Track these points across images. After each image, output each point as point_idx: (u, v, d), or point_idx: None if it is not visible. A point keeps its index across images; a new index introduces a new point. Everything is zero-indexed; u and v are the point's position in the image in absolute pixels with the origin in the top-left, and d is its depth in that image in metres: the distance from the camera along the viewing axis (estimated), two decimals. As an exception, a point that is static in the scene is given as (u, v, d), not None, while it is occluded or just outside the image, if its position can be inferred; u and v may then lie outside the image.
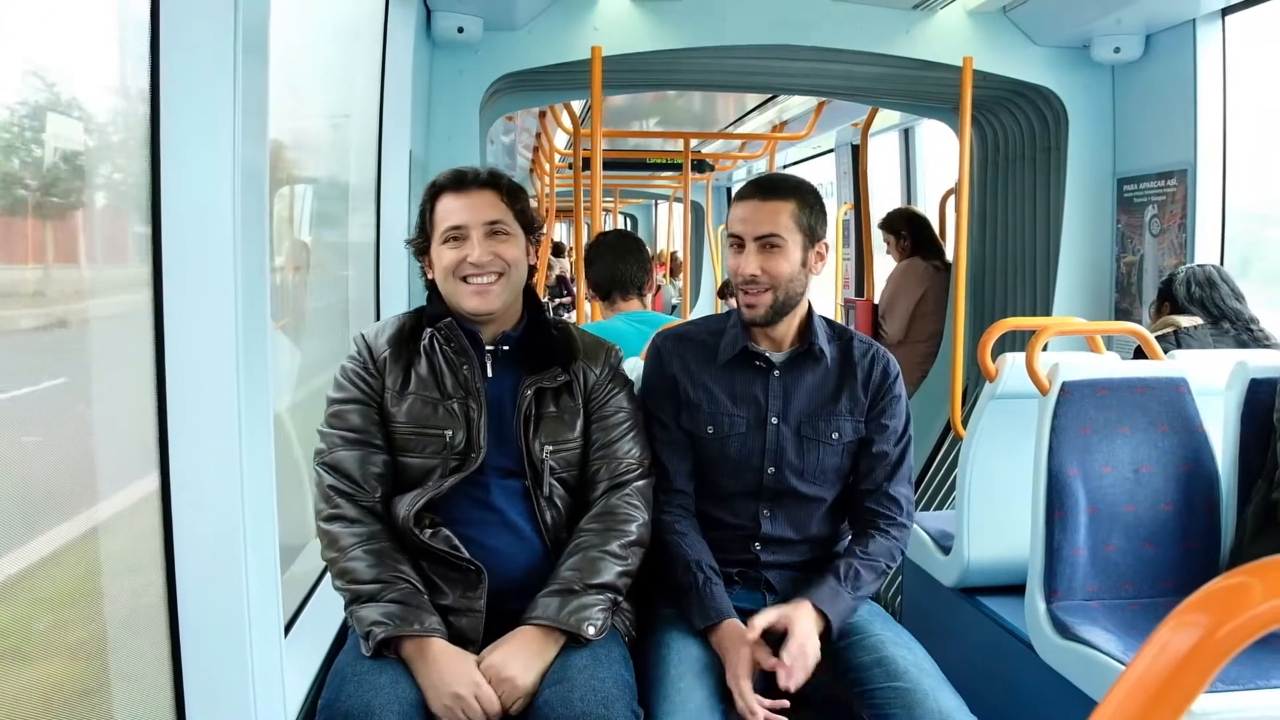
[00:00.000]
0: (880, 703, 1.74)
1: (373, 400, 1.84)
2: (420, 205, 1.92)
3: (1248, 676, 1.96)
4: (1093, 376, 2.40)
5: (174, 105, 1.27)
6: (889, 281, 5.30)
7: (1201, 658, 0.58)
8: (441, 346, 1.86)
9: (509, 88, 4.10)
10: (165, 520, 1.34)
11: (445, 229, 1.85)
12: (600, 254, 3.15)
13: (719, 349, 2.02)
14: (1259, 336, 3.06)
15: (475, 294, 1.83)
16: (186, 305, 1.29)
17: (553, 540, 1.86)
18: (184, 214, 1.29)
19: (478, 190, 1.87)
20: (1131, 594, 2.34)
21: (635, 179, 10.66)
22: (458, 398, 1.83)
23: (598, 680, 1.64)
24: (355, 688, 1.60)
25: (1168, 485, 2.37)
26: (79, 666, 1.30)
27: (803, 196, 1.95)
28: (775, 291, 1.93)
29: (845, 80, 4.41)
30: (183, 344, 1.30)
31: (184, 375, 1.30)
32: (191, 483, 1.32)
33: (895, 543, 1.98)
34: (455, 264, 1.83)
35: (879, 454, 2.00)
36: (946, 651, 2.15)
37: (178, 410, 1.31)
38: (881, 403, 2.01)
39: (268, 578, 1.43)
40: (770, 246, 1.92)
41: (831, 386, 2.01)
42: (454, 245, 1.84)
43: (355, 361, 1.87)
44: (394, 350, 1.86)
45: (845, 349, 2.04)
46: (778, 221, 1.92)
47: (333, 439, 1.82)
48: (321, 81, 2.74)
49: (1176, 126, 3.65)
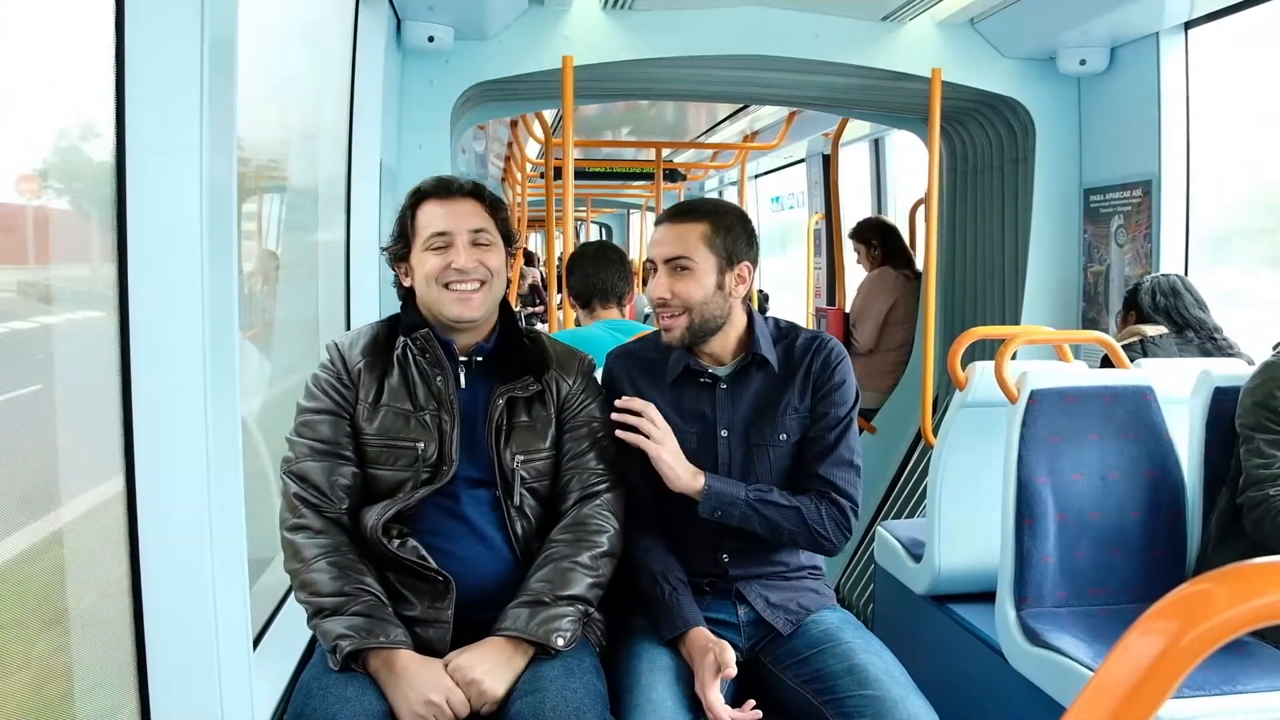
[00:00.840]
0: (850, 710, 1.74)
1: (344, 411, 1.83)
2: (401, 211, 1.90)
3: (1214, 682, 1.98)
4: (1061, 385, 2.43)
5: (140, 115, 1.26)
6: (860, 291, 5.34)
7: (1168, 664, 0.59)
8: (415, 357, 1.85)
9: (480, 97, 4.09)
10: (131, 534, 1.32)
11: (430, 234, 1.84)
12: (582, 263, 3.19)
13: (666, 367, 2.03)
14: (1222, 345, 3.10)
15: (458, 300, 1.83)
16: (153, 316, 1.28)
17: (523, 550, 1.85)
18: (150, 226, 1.27)
19: (462, 199, 1.87)
20: (1100, 600, 2.37)
21: (607, 188, 10.69)
22: (430, 410, 1.82)
23: (570, 690, 1.63)
24: (321, 701, 1.58)
25: (1135, 492, 2.40)
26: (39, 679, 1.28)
27: (718, 219, 1.95)
28: (690, 315, 1.94)
29: (815, 91, 4.44)
30: (149, 354, 1.28)
31: (150, 386, 1.29)
32: (157, 495, 1.31)
33: (826, 508, 1.94)
34: (439, 270, 1.82)
35: (814, 439, 1.99)
36: (918, 659, 2.16)
37: (144, 422, 1.29)
38: (822, 390, 2.00)
39: (235, 591, 1.41)
40: (680, 269, 1.93)
41: (775, 389, 2.01)
42: (438, 252, 1.84)
43: (328, 371, 1.85)
44: (368, 361, 1.85)
45: (789, 347, 2.04)
46: (686, 244, 1.93)
47: (301, 448, 1.81)
48: (290, 90, 2.73)
49: (1141, 138, 3.70)
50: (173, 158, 1.26)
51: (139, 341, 1.28)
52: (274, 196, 2.67)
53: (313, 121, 2.90)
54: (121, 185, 1.27)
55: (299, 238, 2.88)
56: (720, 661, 1.77)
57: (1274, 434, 2.20)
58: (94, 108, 1.29)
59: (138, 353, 1.28)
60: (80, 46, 1.35)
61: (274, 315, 2.61)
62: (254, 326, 2.45)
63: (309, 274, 2.92)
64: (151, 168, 1.27)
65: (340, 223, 3.07)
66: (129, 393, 1.29)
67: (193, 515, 1.32)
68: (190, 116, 1.26)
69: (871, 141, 6.59)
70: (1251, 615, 0.58)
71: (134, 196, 1.27)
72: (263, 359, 2.51)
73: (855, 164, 6.86)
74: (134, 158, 1.26)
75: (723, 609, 1.99)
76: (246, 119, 2.20)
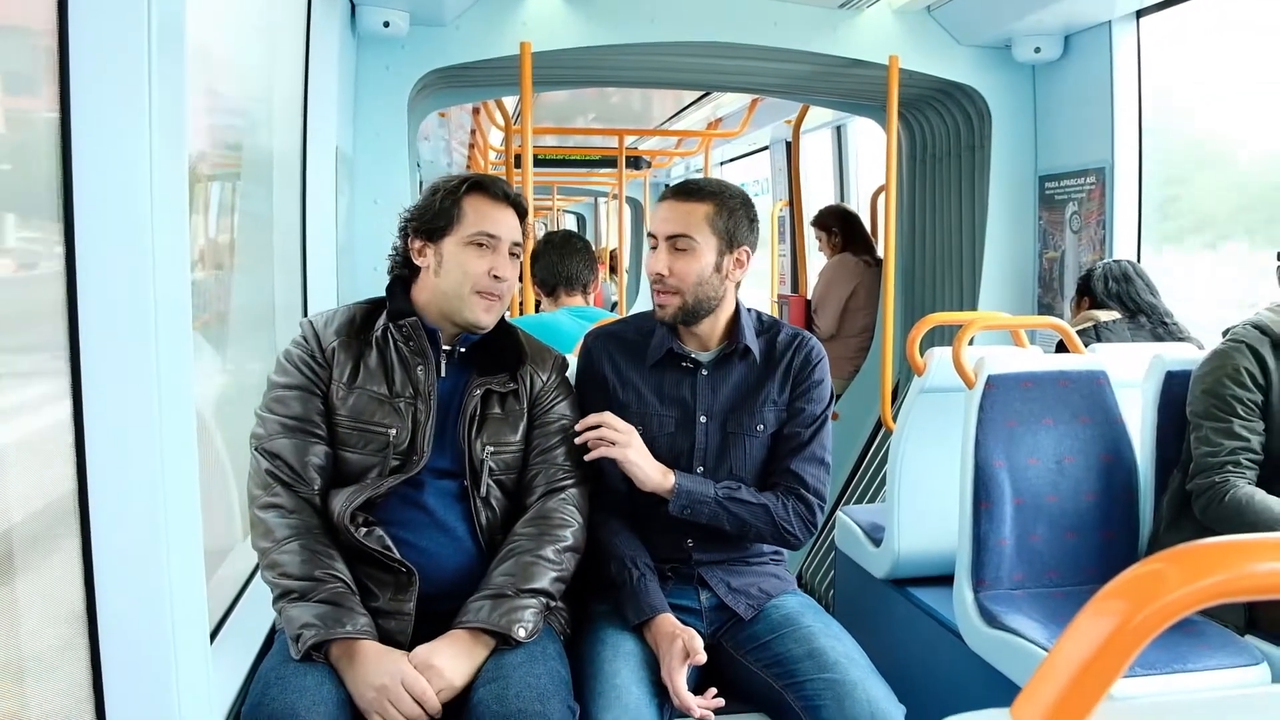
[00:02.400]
0: (811, 694, 1.76)
1: (317, 389, 1.80)
2: (441, 192, 1.86)
3: (1165, 661, 2.02)
4: (1017, 370, 2.45)
5: (85, 104, 1.23)
6: (820, 277, 5.37)
7: (1119, 643, 0.60)
8: (397, 344, 1.83)
9: (438, 83, 4.05)
10: (83, 525, 1.29)
11: (479, 232, 1.83)
12: (548, 251, 3.26)
13: (648, 350, 2.03)
14: (1173, 330, 3.16)
15: (486, 309, 1.84)
16: (103, 300, 1.25)
17: (487, 542, 1.84)
18: (98, 217, 1.24)
19: (510, 207, 1.88)
20: (1055, 582, 2.40)
21: (572, 176, 10.66)
22: (405, 397, 1.81)
23: (533, 677, 1.63)
24: (280, 691, 1.56)
25: (1089, 475, 2.44)
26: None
27: (722, 201, 1.95)
28: (683, 294, 1.94)
29: (775, 78, 4.45)
30: (98, 341, 1.26)
31: (100, 374, 1.26)
32: (110, 486, 1.28)
33: (793, 504, 1.97)
34: (482, 274, 1.82)
35: (789, 435, 2.01)
36: (878, 641, 2.18)
37: (94, 410, 1.26)
38: (801, 387, 2.02)
39: (192, 583, 1.39)
40: (680, 247, 1.93)
41: (755, 379, 2.02)
42: (480, 253, 1.82)
43: (301, 347, 1.83)
44: (344, 340, 1.83)
45: (771, 341, 2.05)
46: (689, 222, 1.93)
47: (272, 424, 1.78)
48: (241, 76, 2.68)
49: (1095, 125, 3.75)
50: (120, 142, 1.23)
51: (88, 327, 1.25)
52: (226, 183, 2.62)
53: (265, 107, 2.85)
54: (67, 168, 1.24)
55: (252, 226, 2.84)
56: (690, 649, 1.77)
57: (1222, 422, 2.24)
58: (38, 90, 1.26)
59: (87, 339, 1.25)
60: (22, 26, 1.31)
61: (227, 305, 2.57)
62: (206, 315, 2.41)
63: (263, 263, 2.88)
64: (99, 152, 1.24)
65: (296, 210, 3.02)
66: (78, 379, 1.26)
67: (146, 506, 1.29)
68: (138, 98, 1.23)
69: (834, 128, 6.61)
70: (1201, 594, 0.59)
71: (80, 180, 1.24)
72: (215, 349, 2.48)
73: (819, 151, 6.89)
74: (80, 141, 1.23)
75: (685, 595, 2.00)
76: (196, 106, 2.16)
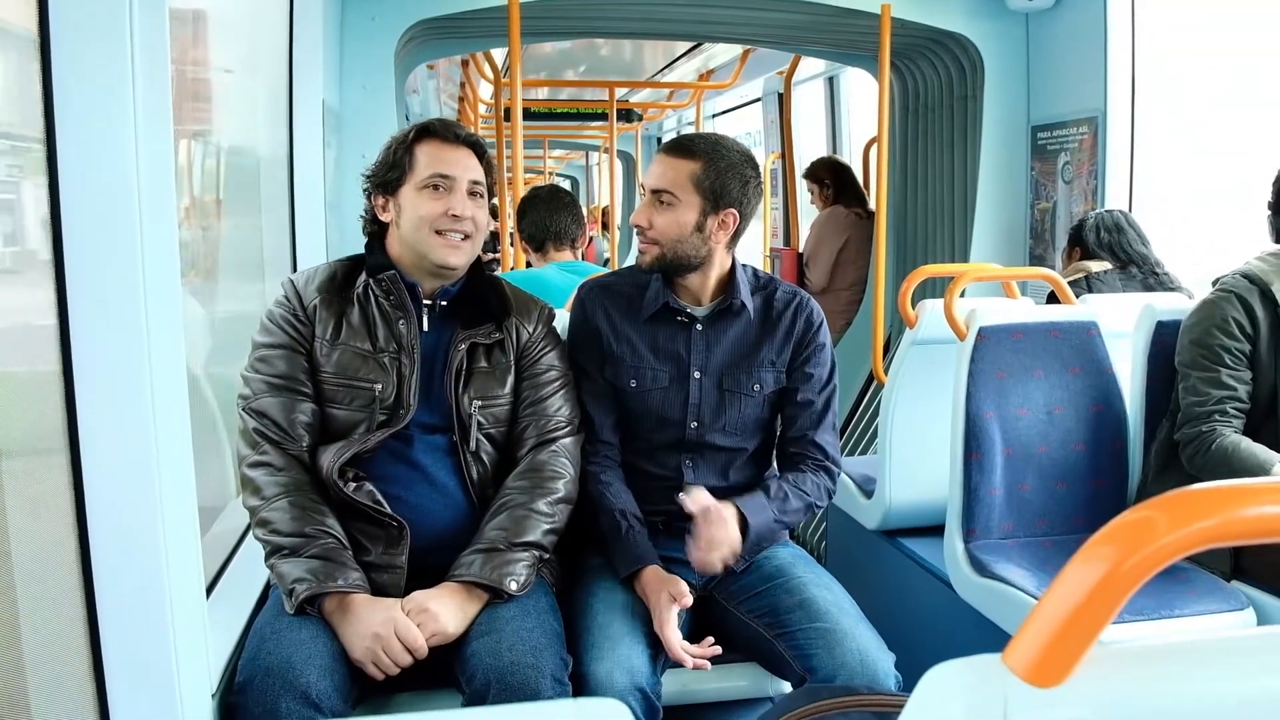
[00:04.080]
0: (803, 643, 1.78)
1: (301, 346, 1.80)
2: (394, 144, 1.86)
3: (1153, 607, 2.04)
4: (1008, 321, 2.46)
5: (67, 56, 1.21)
6: (812, 230, 5.35)
7: (1109, 589, 0.60)
8: (378, 298, 1.83)
9: (424, 35, 3.99)
10: (76, 482, 1.29)
11: (431, 175, 1.81)
12: (535, 206, 3.24)
13: (643, 303, 2.02)
14: (1164, 280, 3.16)
15: (449, 246, 1.82)
16: (91, 256, 1.24)
17: (479, 496, 1.84)
18: (83, 171, 1.23)
19: (464, 147, 1.85)
20: (1045, 531, 2.43)
21: (564, 129, 10.56)
22: (389, 352, 1.81)
23: (526, 630, 1.64)
24: (275, 645, 1.58)
25: (1079, 425, 2.45)
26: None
27: (712, 161, 1.92)
28: (661, 247, 1.94)
29: (767, 28, 4.39)
30: (87, 297, 1.25)
31: (89, 330, 1.25)
32: (102, 443, 1.28)
33: (824, 481, 2.01)
34: (437, 215, 1.80)
35: (804, 402, 2.02)
36: (869, 592, 2.21)
37: (84, 366, 1.26)
38: (805, 352, 2.03)
39: (187, 540, 1.40)
40: (662, 202, 1.93)
41: (753, 338, 2.02)
42: (435, 195, 1.81)
43: (284, 306, 1.82)
44: (325, 298, 1.82)
45: (768, 299, 2.05)
46: (673, 179, 1.92)
47: (258, 384, 1.78)
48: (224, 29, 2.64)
49: (1087, 74, 3.71)
50: (104, 93, 1.21)
51: (76, 284, 1.24)
52: (212, 140, 2.59)
53: (251, 60, 2.81)
54: (51, 129, 1.22)
55: (240, 180, 2.81)
56: (674, 593, 1.79)
57: (1209, 372, 2.25)
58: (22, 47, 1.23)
59: (75, 295, 1.24)
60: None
61: (216, 259, 2.55)
62: (195, 270, 2.39)
63: (251, 219, 2.86)
64: (82, 106, 1.22)
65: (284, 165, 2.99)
66: (67, 337, 1.25)
67: (139, 462, 1.29)
68: (120, 53, 1.21)
69: (826, 80, 6.54)
70: (1188, 540, 0.60)
71: (64, 139, 1.22)
72: (206, 304, 2.46)
73: (812, 103, 6.82)
74: (61, 96, 1.21)
75: (677, 547, 2.00)
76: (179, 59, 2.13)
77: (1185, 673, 0.65)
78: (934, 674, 0.65)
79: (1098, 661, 0.62)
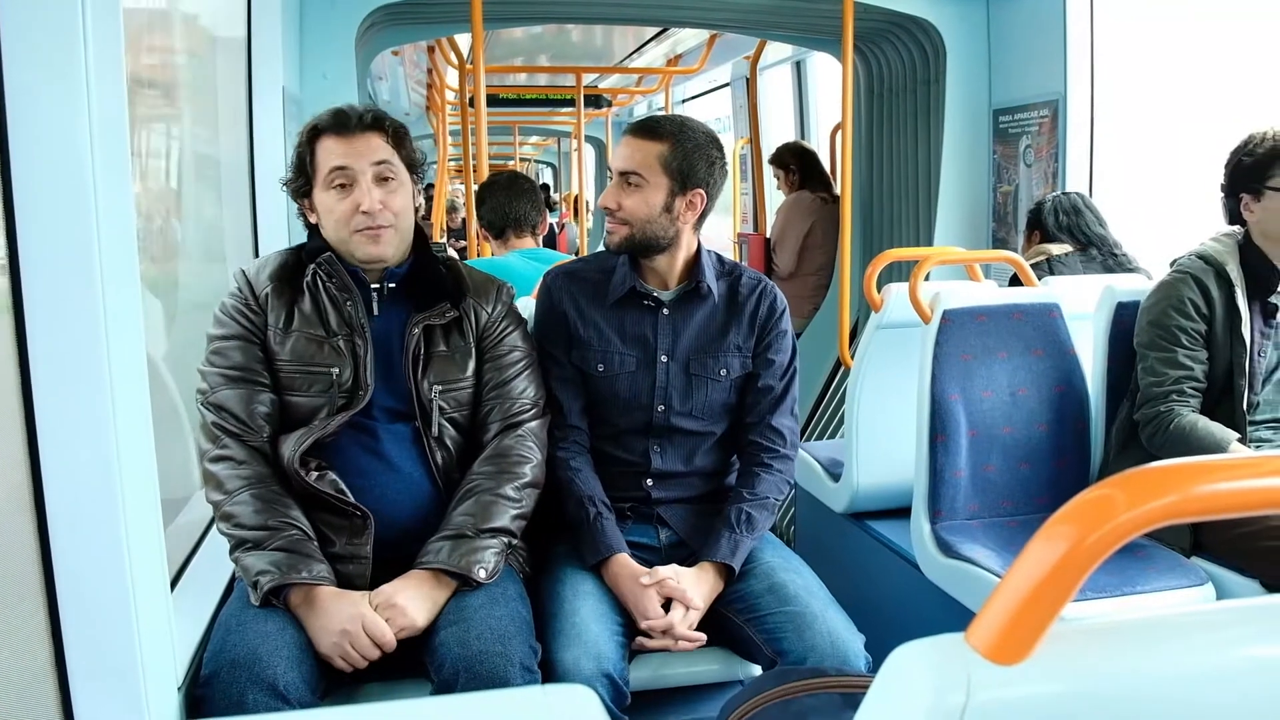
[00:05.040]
0: (773, 627, 1.79)
1: (255, 336, 1.78)
2: (298, 146, 1.82)
3: (1114, 584, 2.07)
4: (972, 304, 2.48)
5: (17, 49, 1.18)
6: (778, 215, 5.36)
7: (1070, 566, 0.61)
8: (324, 283, 1.81)
9: (385, 20, 3.95)
10: (34, 477, 1.27)
11: (329, 170, 1.77)
12: (494, 192, 3.19)
13: (609, 287, 2.02)
14: (1123, 261, 3.20)
15: (369, 240, 1.78)
16: (45, 244, 1.22)
17: (445, 481, 1.83)
18: (37, 162, 1.20)
19: (362, 134, 1.79)
20: (1009, 511, 2.46)
21: (533, 115, 10.49)
22: (343, 335, 1.79)
23: (494, 619, 1.63)
24: (241, 636, 1.56)
25: (1042, 406, 2.48)
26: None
27: (679, 142, 1.92)
28: (631, 228, 1.94)
29: (731, 12, 4.38)
30: (42, 285, 1.22)
31: (46, 323, 1.23)
32: (60, 436, 1.26)
33: (780, 476, 2.02)
34: (347, 215, 1.77)
35: (764, 388, 2.03)
36: (837, 574, 2.22)
37: (41, 361, 1.23)
38: (768, 338, 2.04)
39: (149, 532, 1.38)
40: (630, 183, 1.92)
41: (719, 323, 2.03)
42: (340, 191, 1.78)
43: (236, 298, 1.80)
44: (276, 286, 1.80)
45: (733, 285, 2.05)
46: (641, 160, 1.92)
47: (214, 377, 1.76)
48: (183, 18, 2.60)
49: (1048, 58, 3.74)
50: (56, 83, 1.19)
51: (31, 275, 1.22)
52: (170, 125, 2.55)
53: (209, 45, 2.77)
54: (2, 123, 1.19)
55: (200, 169, 2.77)
56: (648, 575, 1.82)
57: (1167, 352, 2.28)
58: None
59: (30, 287, 1.22)
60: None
61: (176, 246, 2.52)
62: (155, 257, 2.36)
63: (213, 207, 2.82)
64: (34, 96, 1.19)
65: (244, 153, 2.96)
66: (23, 327, 1.23)
67: (100, 454, 1.27)
68: (73, 43, 1.18)
69: (793, 64, 6.55)
70: (1147, 517, 0.61)
71: (16, 133, 1.19)
72: (166, 291, 2.43)
73: (781, 87, 6.82)
74: (13, 91, 1.18)
75: (644, 533, 2.02)
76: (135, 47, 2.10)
77: (1146, 648, 0.66)
78: (898, 654, 0.66)
79: (1059, 638, 0.63)
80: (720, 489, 2.08)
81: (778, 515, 2.08)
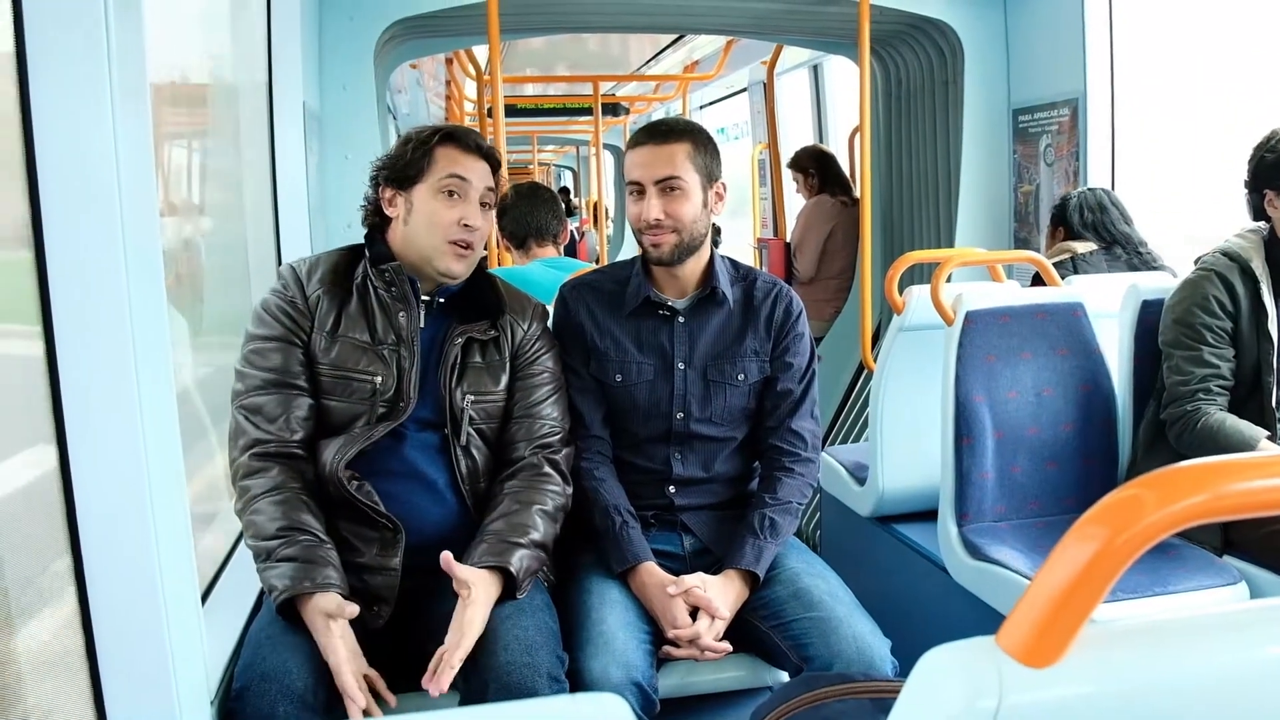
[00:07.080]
0: (798, 633, 1.78)
1: (298, 339, 1.77)
2: (414, 142, 1.83)
3: (1146, 584, 2.05)
4: (995, 305, 2.46)
5: (43, 70, 1.20)
6: (798, 220, 5.35)
7: (1101, 567, 0.61)
8: (379, 290, 1.81)
9: (404, 34, 3.97)
10: (66, 494, 1.28)
11: (449, 175, 1.80)
12: (515, 203, 3.21)
13: (624, 298, 2.02)
14: (1148, 259, 3.17)
15: (458, 257, 1.81)
16: (74, 267, 1.23)
17: (469, 491, 1.83)
18: (63, 181, 1.22)
19: (482, 159, 1.85)
20: (1037, 513, 2.44)
21: (551, 125, 10.52)
22: (388, 344, 1.79)
23: (521, 629, 1.63)
24: (271, 649, 1.57)
25: (1068, 406, 2.46)
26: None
27: (695, 137, 1.95)
28: (680, 233, 1.93)
29: (748, 18, 4.39)
30: (71, 308, 1.24)
31: (75, 340, 1.24)
32: (91, 456, 1.27)
33: (802, 479, 2.01)
34: (452, 223, 1.79)
35: (783, 391, 2.03)
36: (864, 579, 2.21)
37: (71, 378, 1.25)
38: (785, 341, 2.03)
39: (180, 548, 1.39)
40: (671, 189, 1.92)
41: (736, 329, 2.03)
42: (450, 200, 1.80)
43: (281, 296, 1.79)
44: (328, 289, 1.80)
45: (748, 290, 2.05)
46: (676, 163, 1.92)
47: (252, 379, 1.75)
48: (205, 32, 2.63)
49: (1067, 56, 3.72)
50: (81, 103, 1.20)
51: (60, 294, 1.23)
52: (192, 141, 2.58)
53: (230, 63, 2.80)
54: (30, 143, 1.21)
55: (223, 184, 2.80)
56: (672, 590, 1.81)
57: (1193, 350, 2.26)
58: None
59: (59, 306, 1.23)
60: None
61: (200, 264, 2.54)
62: (179, 276, 2.38)
63: (234, 223, 2.84)
64: (59, 116, 1.21)
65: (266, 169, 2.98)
66: (53, 348, 1.24)
67: (130, 470, 1.28)
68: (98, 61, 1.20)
69: (810, 68, 6.54)
70: (1177, 516, 0.60)
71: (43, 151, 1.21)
72: (191, 309, 2.45)
73: (799, 92, 6.82)
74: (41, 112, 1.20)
75: (668, 540, 2.01)
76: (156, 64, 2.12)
77: (1179, 649, 0.66)
78: (929, 658, 0.66)
79: (1091, 640, 0.63)
80: (743, 494, 2.07)
81: (801, 519, 2.07)
